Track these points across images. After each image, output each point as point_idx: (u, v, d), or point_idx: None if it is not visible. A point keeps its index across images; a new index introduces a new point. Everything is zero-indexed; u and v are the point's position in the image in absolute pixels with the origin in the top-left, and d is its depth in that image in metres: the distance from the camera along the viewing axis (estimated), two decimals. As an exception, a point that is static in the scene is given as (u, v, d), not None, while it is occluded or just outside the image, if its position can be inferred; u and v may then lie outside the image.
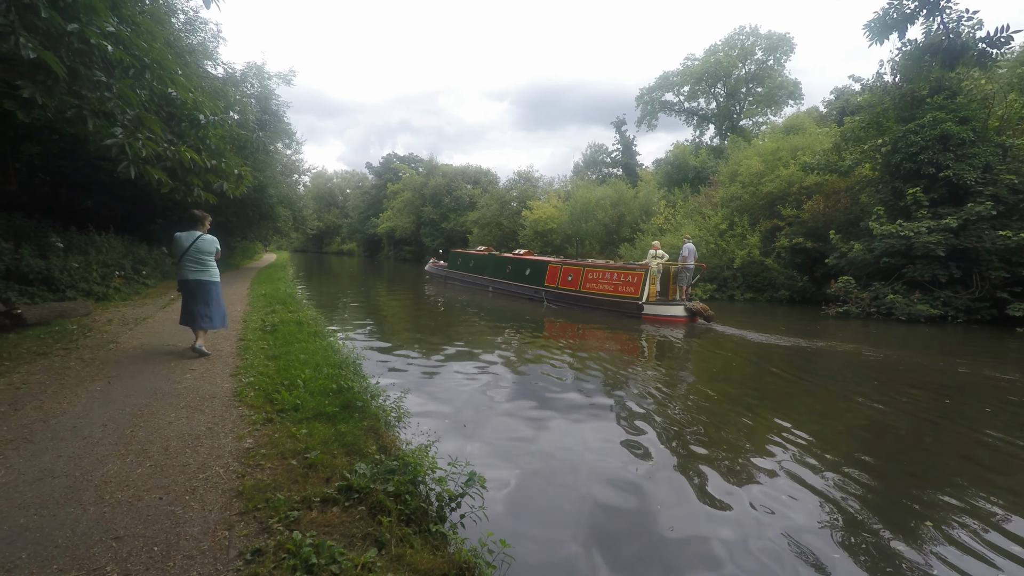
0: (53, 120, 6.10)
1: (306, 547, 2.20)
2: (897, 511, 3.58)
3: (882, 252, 13.75)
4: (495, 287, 18.20)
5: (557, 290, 14.97)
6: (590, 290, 13.87)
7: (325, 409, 3.92)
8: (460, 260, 22.00)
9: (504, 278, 17.83)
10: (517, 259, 17.82)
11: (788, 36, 34.06)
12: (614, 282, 13.30)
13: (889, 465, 4.36)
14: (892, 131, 14.71)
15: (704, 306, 11.85)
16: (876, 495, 3.79)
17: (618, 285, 13.16)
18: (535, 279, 16.12)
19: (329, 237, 71.27)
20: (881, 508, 3.60)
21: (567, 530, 3.22)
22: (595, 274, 13.90)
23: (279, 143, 19.09)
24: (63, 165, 12.03)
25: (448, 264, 23.20)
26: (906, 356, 8.94)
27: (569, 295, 14.44)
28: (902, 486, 3.96)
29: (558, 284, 15.03)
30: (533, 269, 16.43)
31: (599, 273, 13.80)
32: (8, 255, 7.98)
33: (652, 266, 12.68)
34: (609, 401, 5.89)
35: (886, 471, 4.23)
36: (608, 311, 13.01)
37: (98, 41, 4.02)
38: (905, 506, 3.65)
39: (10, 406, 3.82)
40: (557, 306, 14.41)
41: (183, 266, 5.67)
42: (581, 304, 13.98)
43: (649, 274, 12.51)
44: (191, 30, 13.29)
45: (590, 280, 13.97)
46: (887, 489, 3.90)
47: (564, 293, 14.68)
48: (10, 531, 2.29)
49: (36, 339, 5.95)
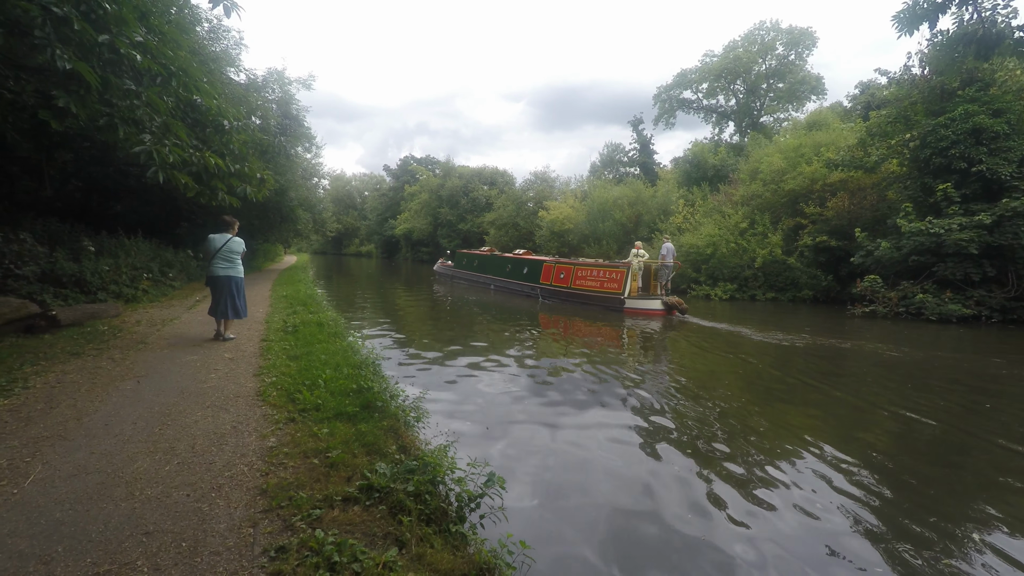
0: (85, 128, 6.32)
1: (328, 545, 2.23)
2: (936, 518, 3.46)
3: (911, 250, 13.33)
4: (496, 285, 19.31)
5: (551, 287, 16.08)
6: (579, 286, 14.94)
7: (345, 409, 3.97)
8: (465, 260, 23.37)
9: (504, 276, 18.99)
10: (516, 259, 18.99)
11: (810, 30, 33.29)
12: (600, 279, 14.38)
13: (927, 467, 4.22)
14: (921, 125, 14.25)
15: (679, 300, 12.84)
16: (913, 500, 3.67)
17: (603, 281, 14.24)
18: (532, 277, 17.26)
19: (348, 239, 72.27)
20: (921, 515, 3.48)
21: (587, 533, 3.19)
22: (584, 272, 15.01)
23: (299, 147, 19.43)
24: (94, 171, 12.45)
25: (455, 264, 24.52)
26: (939, 356, 8.65)
27: (561, 291, 15.56)
28: (938, 491, 3.82)
29: (552, 281, 16.15)
30: (530, 268, 17.60)
31: (587, 271, 14.91)
32: (43, 259, 8.29)
33: (634, 264, 13.64)
34: (622, 399, 5.83)
35: (924, 474, 4.09)
36: (595, 305, 14.09)
37: (127, 51, 4.14)
38: (943, 513, 3.52)
39: (47, 404, 3.96)
40: (551, 301, 15.52)
41: (215, 264, 6.44)
42: (572, 299, 15.04)
43: (631, 271, 13.50)
44: (214, 38, 13.65)
45: (579, 277, 15.07)
46: (924, 495, 3.77)
47: (557, 290, 15.79)
48: (47, 525, 2.37)
49: (70, 339, 6.16)
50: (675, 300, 12.76)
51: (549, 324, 11.79)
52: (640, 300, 13.23)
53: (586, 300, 14.51)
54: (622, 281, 13.60)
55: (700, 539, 3.13)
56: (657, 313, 12.77)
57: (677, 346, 9.39)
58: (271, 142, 14.86)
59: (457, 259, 24.56)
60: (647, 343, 9.81)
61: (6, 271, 7.62)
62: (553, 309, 14.10)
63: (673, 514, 3.42)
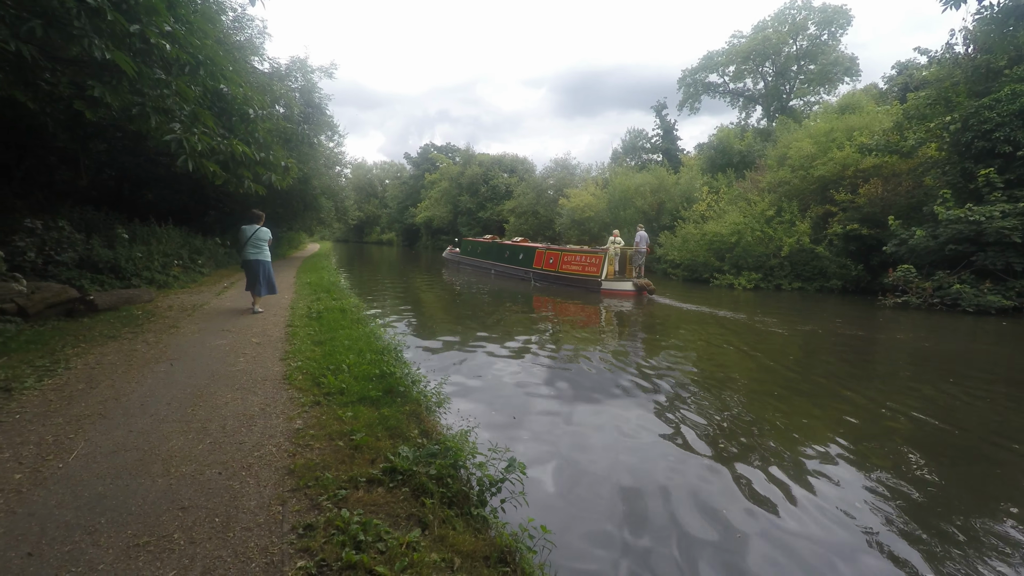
0: (118, 118, 6.50)
1: (354, 524, 2.29)
2: (972, 519, 3.36)
3: (948, 239, 12.76)
4: (496, 270, 21.11)
5: (542, 271, 17.80)
6: (565, 270, 16.60)
7: (369, 393, 4.05)
8: (470, 247, 25.44)
9: (503, 262, 20.84)
10: (513, 245, 20.96)
11: (844, 8, 31.77)
12: (582, 263, 15.99)
13: (964, 467, 4.09)
14: (963, 107, 13.53)
15: (647, 282, 14.51)
16: (947, 501, 3.57)
17: (584, 266, 15.84)
18: (526, 262, 19.02)
19: (369, 227, 73.03)
20: (955, 518, 3.38)
21: (608, 520, 3.20)
22: (569, 257, 16.69)
23: (322, 135, 19.62)
24: (126, 161, 12.83)
25: (461, 251, 26.65)
26: (980, 348, 8.32)
27: (550, 275, 17.28)
28: (976, 490, 3.71)
29: (543, 266, 17.84)
30: (524, 254, 19.50)
31: (572, 256, 16.59)
32: (80, 245, 8.62)
33: (611, 250, 15.25)
34: (640, 388, 5.79)
35: (961, 473, 3.97)
36: (577, 287, 15.68)
37: (157, 40, 4.23)
38: (979, 513, 3.42)
39: (87, 384, 4.15)
40: (541, 284, 17.15)
41: (246, 249, 7.65)
42: (559, 282, 16.65)
43: (607, 257, 15.10)
44: (239, 28, 13.80)
45: (565, 262, 16.71)
46: (961, 495, 3.67)
47: (546, 273, 17.52)
48: (91, 498, 2.50)
49: (107, 323, 6.42)
50: (644, 282, 14.38)
51: (541, 306, 12.78)
52: (615, 282, 14.81)
53: (570, 282, 16.12)
54: (600, 265, 15.16)
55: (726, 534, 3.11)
56: (629, 294, 14.32)
57: (693, 336, 9.27)
58: (294, 130, 15.04)
59: (463, 246, 26.66)
60: (658, 329, 9.73)
61: (47, 257, 7.96)
62: (543, 291, 15.49)
63: (693, 504, 3.40)
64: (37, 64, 4.74)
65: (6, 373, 4.20)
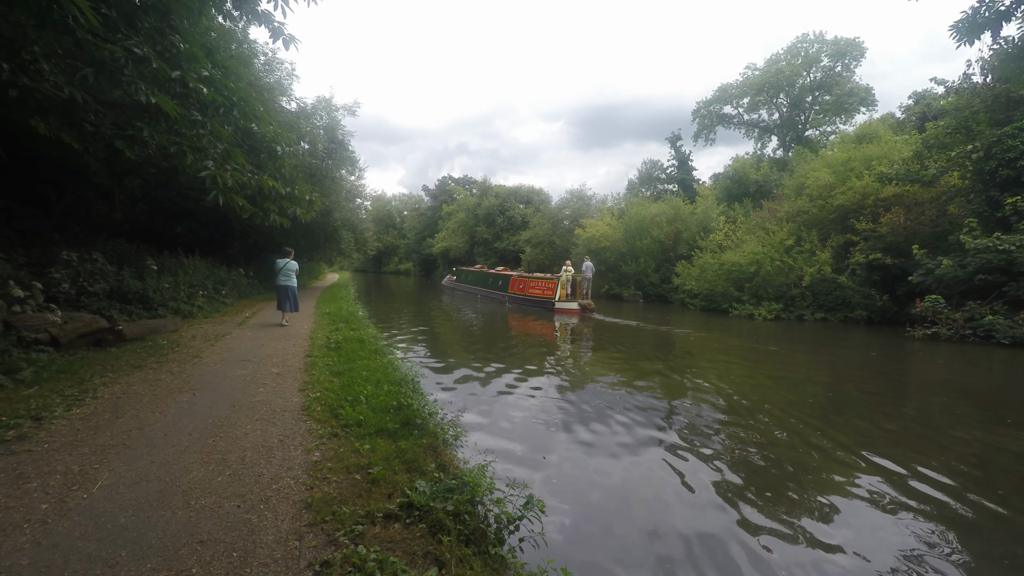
0: (153, 155, 6.85)
1: (370, 562, 2.26)
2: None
3: (977, 268, 12.43)
4: (481, 294, 25.38)
5: (514, 295, 21.56)
6: (530, 294, 20.35)
7: (386, 425, 4.04)
8: (463, 275, 30.18)
9: (487, 288, 25.16)
10: (495, 274, 25.21)
11: (857, 40, 32.19)
12: (542, 288, 19.63)
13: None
14: (984, 135, 13.41)
15: (590, 303, 18.12)
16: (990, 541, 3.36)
17: (544, 290, 19.46)
18: (503, 288, 22.97)
19: (387, 257, 74.23)
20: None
21: (631, 560, 3.09)
22: (534, 283, 20.49)
23: (344, 170, 20.28)
24: (159, 195, 13.42)
25: (457, 279, 31.08)
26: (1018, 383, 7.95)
27: (519, 298, 21.08)
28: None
29: (515, 291, 21.60)
30: (503, 281, 23.53)
31: (536, 283, 20.39)
32: (112, 277, 8.94)
33: (563, 277, 18.72)
34: (662, 419, 5.65)
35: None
36: (537, 307, 19.23)
37: (195, 85, 4.49)
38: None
39: (113, 414, 4.23)
40: (512, 305, 20.56)
41: (279, 277, 9.98)
42: (525, 303, 20.36)
43: (560, 283, 18.61)
44: (269, 70, 14.57)
45: (531, 287, 20.53)
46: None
47: (517, 296, 21.31)
48: (112, 529, 2.51)
49: (134, 353, 6.58)
50: (587, 303, 18.03)
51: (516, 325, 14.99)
52: (565, 303, 18.20)
53: (533, 304, 19.79)
54: (555, 289, 18.61)
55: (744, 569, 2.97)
56: (575, 312, 17.61)
57: (718, 358, 9.07)
58: (318, 166, 15.59)
59: (459, 275, 31.19)
60: (663, 349, 9.51)
61: (80, 288, 8.26)
62: (515, 311, 18.62)
63: (717, 542, 3.26)
64: (85, 107, 5.07)
65: (37, 402, 4.32)
